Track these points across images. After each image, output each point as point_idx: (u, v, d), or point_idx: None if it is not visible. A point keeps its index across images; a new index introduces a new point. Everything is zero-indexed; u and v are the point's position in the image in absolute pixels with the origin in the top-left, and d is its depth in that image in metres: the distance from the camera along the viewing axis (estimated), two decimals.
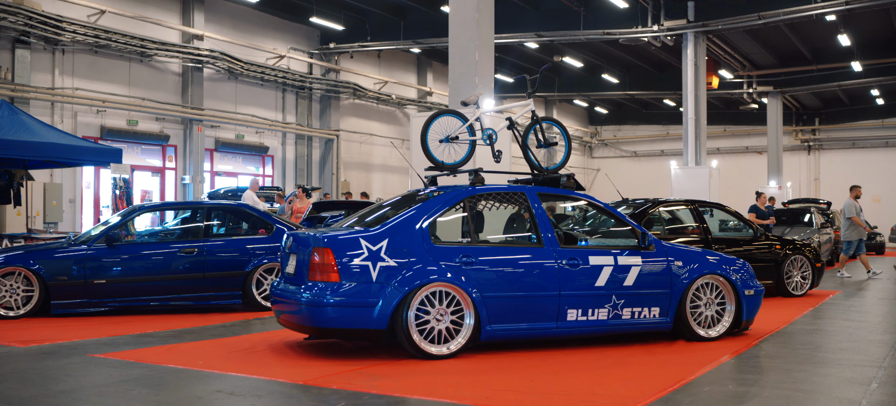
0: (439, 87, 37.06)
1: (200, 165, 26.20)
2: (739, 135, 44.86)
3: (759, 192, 18.40)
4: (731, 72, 33.77)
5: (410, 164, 8.17)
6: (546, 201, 7.77)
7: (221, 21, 27.20)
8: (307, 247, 7.07)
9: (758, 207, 17.48)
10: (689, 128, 24.51)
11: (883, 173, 41.78)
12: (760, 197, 18.21)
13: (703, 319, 8.04)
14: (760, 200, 18.06)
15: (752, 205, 17.78)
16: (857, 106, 42.35)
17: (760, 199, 18.14)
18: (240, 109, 28.11)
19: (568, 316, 7.41)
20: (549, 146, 8.50)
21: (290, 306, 7.16)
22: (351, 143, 33.03)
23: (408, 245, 6.99)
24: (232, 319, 9.80)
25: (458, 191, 7.49)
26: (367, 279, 6.81)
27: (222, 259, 10.57)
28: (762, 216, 17.20)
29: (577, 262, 7.46)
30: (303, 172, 30.99)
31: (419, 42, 29.17)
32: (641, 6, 24.61)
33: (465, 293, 6.99)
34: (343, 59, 32.14)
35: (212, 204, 11.64)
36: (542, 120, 8.55)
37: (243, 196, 18.35)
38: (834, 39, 29.08)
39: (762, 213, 17.35)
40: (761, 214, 17.29)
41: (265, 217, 11.25)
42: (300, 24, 30.14)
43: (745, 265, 8.41)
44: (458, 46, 13.22)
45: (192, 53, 25.44)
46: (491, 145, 8.23)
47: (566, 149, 8.67)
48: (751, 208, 17.53)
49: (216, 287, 10.50)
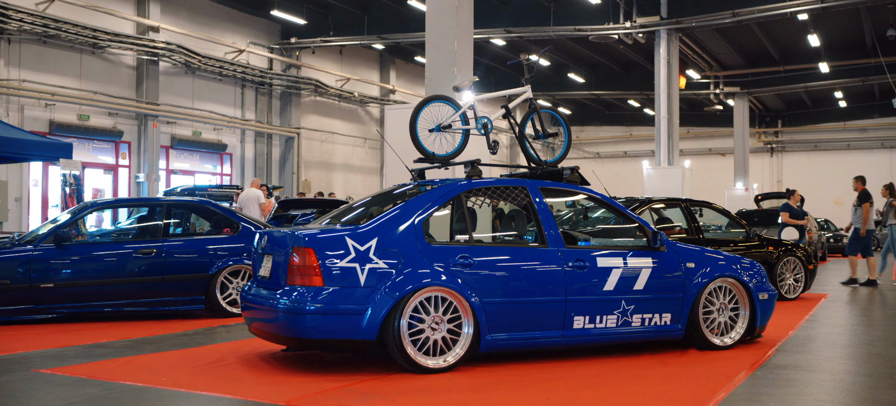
0: (403, 85, 36.28)
1: (156, 163, 25.06)
2: (703, 136, 44.70)
3: (792, 190, 16.15)
4: (698, 72, 33.48)
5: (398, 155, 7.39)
6: (549, 197, 7.04)
7: (178, 13, 26.11)
8: (285, 247, 6.26)
9: (790, 206, 15.48)
10: (661, 127, 24.05)
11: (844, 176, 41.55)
12: (793, 195, 15.96)
13: (715, 326, 7.38)
14: (793, 199, 15.86)
15: (785, 203, 15.74)
16: (820, 108, 42.44)
17: (793, 198, 15.90)
18: (197, 105, 27.02)
19: (574, 323, 6.69)
20: (548, 137, 7.79)
21: (265, 313, 6.34)
22: (312, 142, 32.08)
23: (400, 245, 6.21)
24: (194, 327, 8.92)
25: (454, 184, 6.74)
26: (354, 283, 6.02)
27: (183, 260, 9.68)
28: (796, 216, 15.27)
29: (585, 264, 6.74)
30: (262, 171, 29.96)
31: (384, 38, 28.37)
32: (613, 2, 24.09)
33: (464, 299, 6.24)
34: (304, 54, 31.20)
35: (171, 201, 10.71)
36: (541, 109, 7.83)
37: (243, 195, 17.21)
38: (803, 40, 28.87)
39: (796, 213, 15.36)
40: (795, 214, 15.32)
41: (231, 215, 10.37)
42: (260, 18, 29.14)
43: (758, 267, 7.77)
44: (435, 36, 12.47)
45: (147, 46, 24.31)
46: (486, 135, 7.49)
47: (566, 140, 7.97)
48: (783, 207, 15.59)
49: (177, 291, 9.60)
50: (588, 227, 8.84)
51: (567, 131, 7.98)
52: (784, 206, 15.47)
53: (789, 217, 15.11)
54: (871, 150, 42.03)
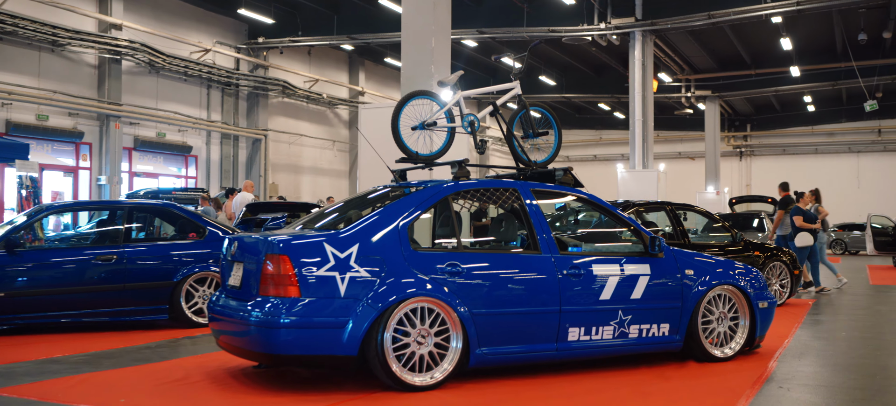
0: (372, 87, 35.73)
1: (118, 165, 24.25)
2: (672, 140, 44.64)
3: (801, 193, 14.92)
4: (670, 75, 33.33)
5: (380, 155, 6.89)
6: (540, 199, 6.58)
7: (142, 10, 25.34)
8: (257, 254, 5.73)
9: (802, 209, 14.33)
10: (635, 130, 23.76)
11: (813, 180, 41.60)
12: (803, 197, 14.81)
13: (714, 336, 6.97)
14: (803, 200, 14.73)
15: (795, 206, 14.47)
16: (789, 113, 42.59)
17: (803, 199, 14.77)
18: (161, 106, 26.25)
19: (569, 335, 6.24)
20: (538, 136, 7.33)
21: (235, 326, 5.81)
22: (280, 144, 31.42)
23: (383, 251, 5.71)
24: (158, 338, 8.34)
25: (441, 187, 6.25)
26: (333, 293, 5.51)
27: (146, 267, 9.08)
28: (809, 219, 14.21)
29: (580, 271, 6.29)
30: (228, 174, 29.24)
31: (354, 38, 27.81)
32: (588, 3, 23.77)
33: (452, 310, 5.75)
34: (272, 54, 30.53)
35: (133, 204, 10.09)
36: (531, 106, 7.39)
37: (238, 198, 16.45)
38: (775, 43, 28.78)
39: (809, 216, 14.28)
40: (808, 217, 14.23)
41: (197, 219, 9.79)
42: (227, 17, 28.44)
43: (756, 273, 7.38)
44: (411, 32, 11.97)
45: (109, 44, 23.52)
46: (473, 134, 7.01)
47: (556, 140, 7.51)
48: (794, 211, 14.38)
49: (138, 300, 9.00)
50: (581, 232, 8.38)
51: (558, 130, 7.53)
52: (795, 210, 14.41)
53: (803, 221, 14.16)
54: (839, 154, 42.28)
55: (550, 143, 7.46)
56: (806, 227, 14.12)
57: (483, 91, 7.65)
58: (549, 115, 7.58)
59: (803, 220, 14.19)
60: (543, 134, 7.36)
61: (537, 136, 7.34)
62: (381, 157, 6.75)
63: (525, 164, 7.14)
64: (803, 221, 14.17)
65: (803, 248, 14.00)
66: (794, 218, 14.28)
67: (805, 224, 14.15)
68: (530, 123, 7.33)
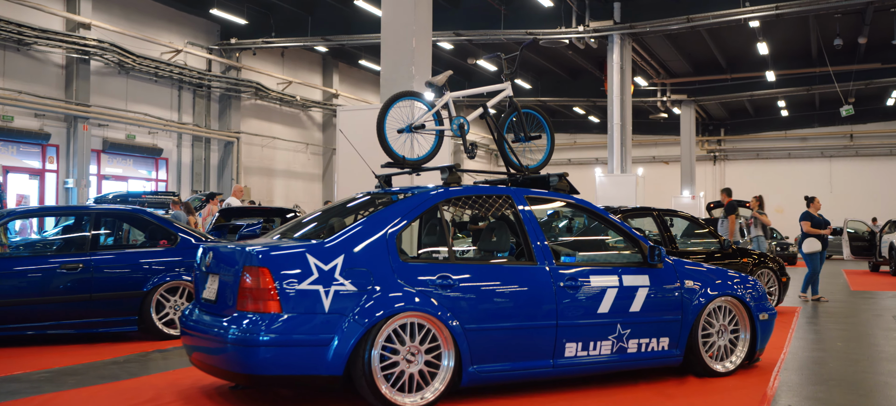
0: (346, 90, 35.29)
1: (86, 168, 23.61)
2: (646, 144, 44.57)
3: (811, 198, 14.17)
4: (646, 79, 33.19)
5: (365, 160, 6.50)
6: (536, 206, 6.24)
7: (111, 9, 24.73)
8: (234, 265, 5.33)
9: (811, 215, 13.83)
10: (614, 134, 23.52)
11: (785, 184, 42.18)
12: (813, 202, 14.08)
13: (715, 350, 6.67)
14: (814, 206, 14.03)
15: (805, 211, 13.96)
16: (762, 117, 42.70)
17: (813, 205, 14.05)
18: (131, 107, 25.62)
19: (566, 351, 5.89)
20: (531, 140, 6.99)
21: (209, 343, 5.40)
22: (252, 147, 30.87)
23: (370, 263, 5.34)
24: (126, 352, 7.90)
25: (431, 193, 5.88)
26: (316, 309, 5.13)
27: (114, 276, 8.62)
28: (818, 225, 13.76)
29: (577, 283, 5.95)
30: (200, 177, 28.65)
31: (329, 39, 27.36)
32: (566, 6, 23.50)
33: (444, 325, 5.39)
34: (245, 56, 29.99)
35: (101, 209, 9.62)
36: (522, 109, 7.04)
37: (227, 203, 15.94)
38: (751, 48, 28.73)
39: (818, 221, 13.81)
40: (817, 223, 13.78)
41: (168, 225, 9.34)
42: (199, 17, 27.88)
43: (756, 283, 7.09)
44: (392, 33, 11.60)
45: (77, 43, 22.89)
46: (462, 137, 6.65)
47: (548, 144, 7.17)
48: (803, 216, 13.88)
49: (106, 311, 8.53)
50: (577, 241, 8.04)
51: (550, 134, 7.19)
52: (804, 215, 13.92)
53: (811, 226, 13.68)
54: (811, 159, 42.45)
55: (543, 148, 7.12)
56: (814, 232, 13.67)
57: (472, 92, 7.30)
58: (541, 118, 7.24)
59: (812, 225, 13.72)
60: (535, 138, 7.02)
61: (529, 140, 7.00)
62: (365, 161, 6.37)
63: (517, 170, 6.79)
64: (812, 227, 13.71)
65: (812, 254, 13.62)
66: (802, 223, 13.85)
67: (813, 230, 13.70)
68: (522, 127, 6.99)
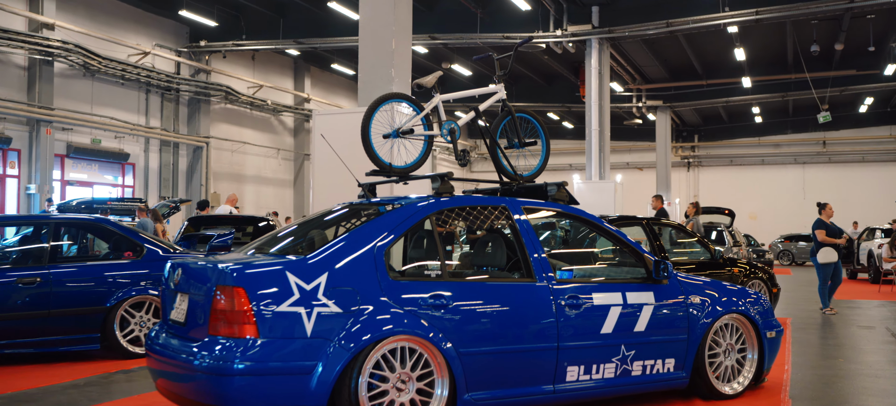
0: (318, 94, 34.71)
1: (49, 173, 22.82)
2: (620, 151, 44.35)
3: (823, 204, 13.42)
4: (621, 85, 32.94)
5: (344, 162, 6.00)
6: (533, 218, 5.78)
7: (76, 10, 23.98)
8: (206, 283, 4.81)
9: (825, 222, 13.13)
10: (592, 140, 23.16)
11: (759, 191, 42.27)
12: (825, 209, 13.32)
13: (721, 371, 6.24)
14: (825, 213, 13.29)
15: (817, 219, 13.24)
16: (736, 124, 42.70)
17: (825, 212, 13.31)
18: (97, 111, 24.83)
19: (568, 375, 5.44)
20: (525, 146, 6.53)
21: (177, 369, 4.87)
22: (222, 152, 30.18)
23: (356, 281, 4.84)
24: (87, 373, 7.34)
25: (421, 204, 5.40)
26: (297, 333, 4.63)
27: (75, 291, 8.05)
28: (833, 233, 13.07)
29: (579, 301, 5.50)
30: (168, 183, 27.92)
31: (301, 42, 26.79)
32: (543, 10, 23.13)
33: (437, 349, 4.92)
34: (215, 59, 29.31)
35: (61, 219, 9.01)
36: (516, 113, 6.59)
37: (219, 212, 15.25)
38: (728, 54, 28.57)
39: (833, 230, 13.12)
40: (832, 231, 13.08)
41: (133, 236, 8.76)
42: (167, 19, 27.17)
43: (761, 298, 6.70)
44: (370, 33, 11.12)
45: (40, 44, 22.11)
46: (453, 143, 6.18)
47: (544, 150, 6.72)
48: (816, 224, 13.16)
49: (67, 328, 7.96)
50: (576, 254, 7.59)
51: (545, 140, 6.74)
52: (817, 223, 13.25)
53: (826, 234, 13.01)
54: (785, 165, 42.50)
55: (538, 154, 6.67)
56: (829, 241, 13.01)
57: (463, 94, 6.82)
58: (535, 123, 6.79)
59: (827, 234, 13.06)
60: (530, 143, 6.56)
61: (524, 146, 6.54)
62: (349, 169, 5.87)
63: (511, 178, 6.33)
64: (827, 235, 13.04)
65: (826, 265, 12.99)
66: (817, 232, 13.17)
67: (828, 238, 13.02)
68: (516, 131, 6.53)
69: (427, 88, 6.15)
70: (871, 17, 24.12)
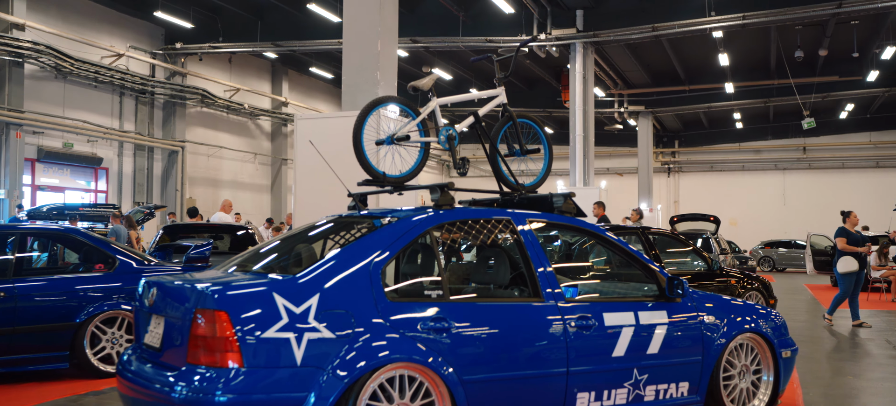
0: (296, 98, 34.16)
1: (18, 178, 22.14)
2: (601, 156, 44.05)
3: (847, 212, 12.79)
4: (603, 89, 32.68)
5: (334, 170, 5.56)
6: (540, 232, 5.36)
7: (48, 10, 23.32)
8: (184, 304, 4.34)
9: (847, 230, 12.54)
10: (576, 145, 22.83)
11: (740, 197, 42.18)
12: (849, 216, 12.69)
13: (736, 395, 5.85)
14: (850, 221, 12.67)
15: (840, 227, 12.65)
16: (716, 129, 42.61)
17: (849, 220, 12.69)
18: (69, 114, 24.19)
19: (577, 402, 5.02)
20: (527, 153, 6.11)
21: (151, 399, 4.38)
22: (198, 156, 29.57)
23: (350, 302, 4.39)
24: (55, 394, 6.85)
25: (419, 217, 4.96)
26: (286, 361, 4.17)
27: (43, 305, 7.54)
28: (856, 242, 12.44)
29: (590, 322, 5.09)
30: (142, 187, 27.28)
31: (279, 45, 26.26)
32: (527, 13, 22.77)
33: (438, 377, 4.47)
34: (191, 61, 28.71)
35: (28, 229, 8.50)
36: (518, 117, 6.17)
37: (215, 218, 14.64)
38: (711, 59, 28.39)
39: (855, 238, 12.49)
40: (854, 240, 12.46)
41: (104, 247, 8.26)
42: (142, 20, 26.56)
43: (776, 315, 6.31)
44: (354, 34, 10.72)
45: (10, 45, 21.45)
46: (451, 150, 5.74)
47: (546, 158, 6.30)
48: (838, 232, 12.60)
49: (33, 345, 7.44)
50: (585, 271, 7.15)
51: (548, 148, 6.32)
52: (840, 231, 12.69)
53: (847, 243, 12.44)
54: (765, 171, 42.46)
55: (540, 162, 6.25)
56: (850, 250, 12.43)
57: (462, 98, 6.40)
58: (537, 128, 6.38)
59: (848, 242, 12.47)
60: (533, 151, 6.15)
61: (525, 154, 6.11)
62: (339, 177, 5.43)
63: (512, 188, 5.90)
64: (848, 244, 12.46)
65: (847, 275, 12.42)
66: (838, 240, 12.60)
67: (849, 247, 12.44)
68: (517, 138, 6.11)
69: (424, 91, 5.71)
70: (856, 23, 23.98)
